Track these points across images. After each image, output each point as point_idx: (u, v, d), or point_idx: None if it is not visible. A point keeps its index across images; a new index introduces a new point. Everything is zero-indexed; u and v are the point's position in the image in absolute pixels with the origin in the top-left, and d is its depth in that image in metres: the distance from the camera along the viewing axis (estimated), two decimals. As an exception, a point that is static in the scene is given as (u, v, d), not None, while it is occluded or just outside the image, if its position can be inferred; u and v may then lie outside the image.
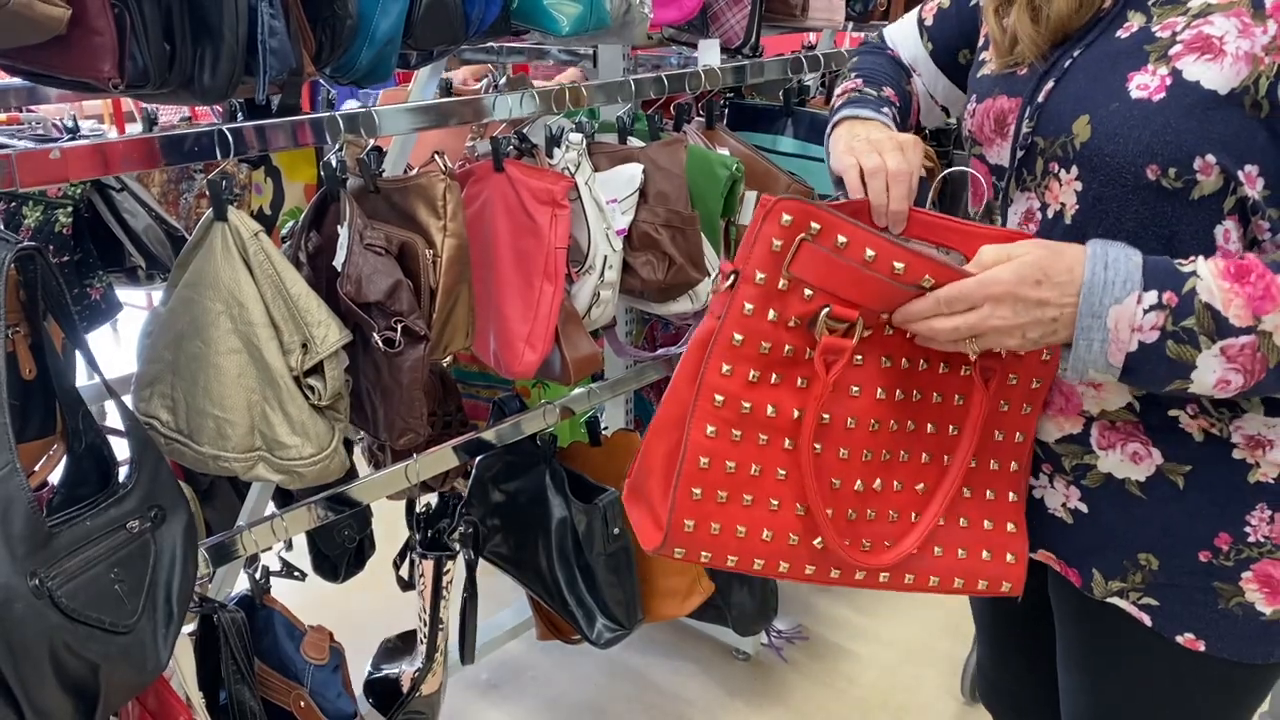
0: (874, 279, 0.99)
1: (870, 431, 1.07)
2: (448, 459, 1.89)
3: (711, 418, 1.04)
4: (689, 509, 1.05)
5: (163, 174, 2.02)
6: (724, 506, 1.05)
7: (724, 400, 1.04)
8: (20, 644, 1.14)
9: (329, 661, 1.68)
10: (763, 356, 1.04)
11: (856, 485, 1.08)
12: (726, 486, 1.05)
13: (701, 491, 1.05)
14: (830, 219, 0.99)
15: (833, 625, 2.77)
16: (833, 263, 0.99)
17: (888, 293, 0.99)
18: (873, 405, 1.07)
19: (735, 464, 1.05)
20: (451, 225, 1.58)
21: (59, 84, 1.40)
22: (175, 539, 1.36)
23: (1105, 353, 0.94)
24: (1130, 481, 1.09)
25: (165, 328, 1.47)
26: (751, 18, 2.11)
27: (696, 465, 1.05)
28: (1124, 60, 1.00)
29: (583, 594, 1.95)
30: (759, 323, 1.02)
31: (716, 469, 1.05)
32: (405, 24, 1.52)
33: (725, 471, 1.05)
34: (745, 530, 1.05)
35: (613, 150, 1.84)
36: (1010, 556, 1.14)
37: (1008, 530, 1.14)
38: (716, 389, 1.04)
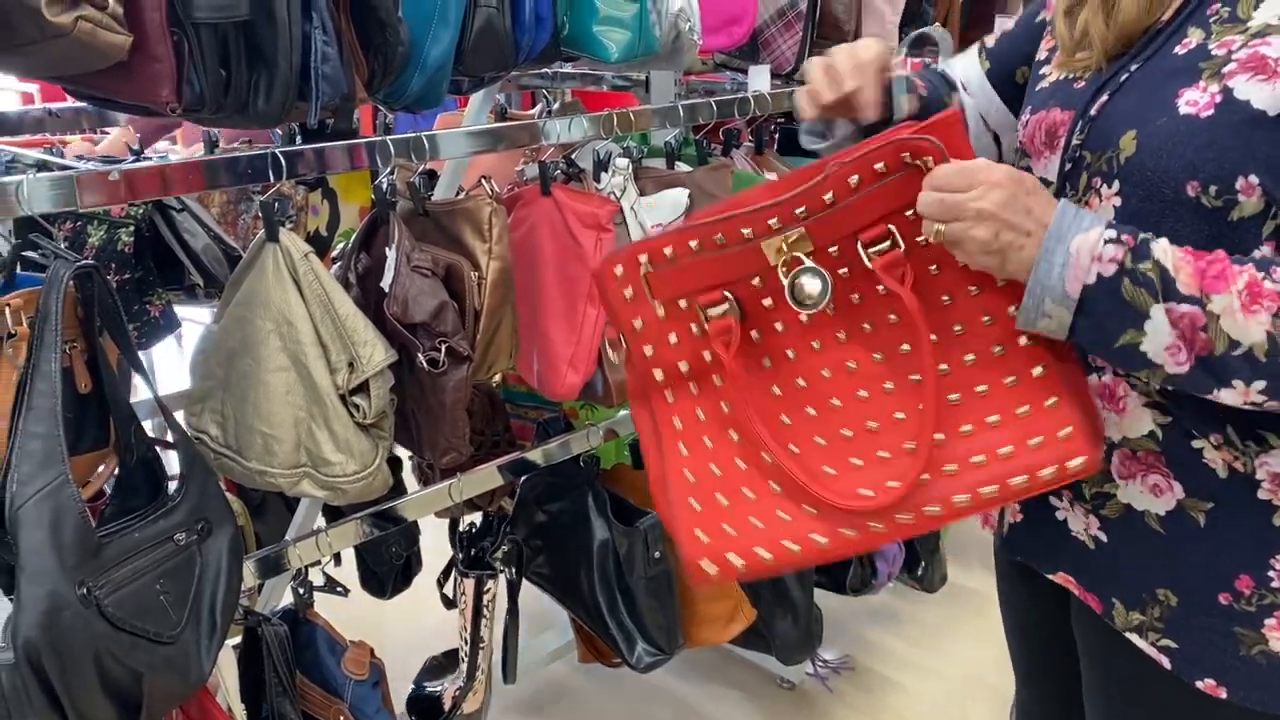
0: (713, 259, 1.05)
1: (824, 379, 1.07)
2: (492, 478, 1.91)
3: (678, 438, 1.11)
4: (694, 520, 1.08)
5: (222, 195, 2.08)
6: (728, 509, 1.08)
7: (682, 423, 1.11)
8: (68, 651, 1.17)
9: (369, 677, 1.70)
10: (688, 374, 1.10)
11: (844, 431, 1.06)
12: (721, 489, 1.08)
13: (699, 502, 1.08)
14: (650, 244, 1.07)
15: (881, 656, 2.73)
16: (678, 272, 1.06)
17: (732, 259, 1.05)
18: (810, 358, 1.08)
19: (719, 467, 1.09)
20: (496, 248, 1.60)
21: (120, 108, 1.45)
22: (221, 552, 1.39)
23: (1064, 279, 0.94)
24: (1150, 514, 1.06)
25: (217, 345, 1.51)
26: (803, 44, 2.11)
27: (685, 481, 1.09)
28: (1177, 76, 0.99)
29: (623, 617, 1.94)
30: (666, 352, 1.10)
31: (703, 479, 1.09)
32: (456, 51, 1.55)
33: (713, 477, 1.09)
34: (762, 522, 1.07)
35: (659, 175, 1.85)
36: (1064, 431, 1.00)
37: (1047, 406, 1.02)
38: (669, 415, 1.11)
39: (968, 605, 2.93)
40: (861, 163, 0.99)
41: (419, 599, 2.28)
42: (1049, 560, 1.18)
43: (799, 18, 2.11)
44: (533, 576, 2.09)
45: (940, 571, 2.54)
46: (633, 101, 3.02)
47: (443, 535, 2.16)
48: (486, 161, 2.31)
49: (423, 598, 2.24)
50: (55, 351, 1.21)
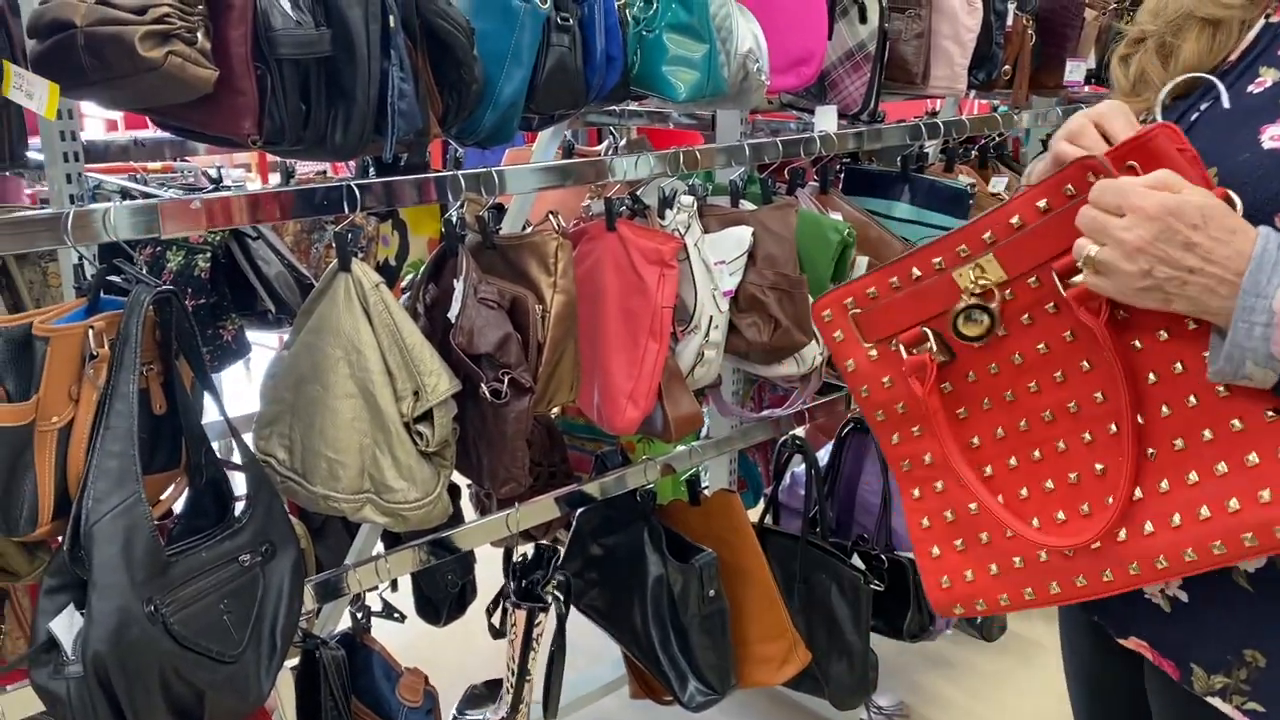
0: (911, 293, 1.04)
1: (1020, 431, 1.05)
2: (549, 509, 1.92)
3: (910, 482, 1.11)
4: (936, 568, 1.10)
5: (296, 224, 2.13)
6: (965, 554, 1.09)
7: (910, 465, 1.11)
8: (134, 666, 1.20)
9: (423, 705, 1.71)
10: (906, 416, 1.09)
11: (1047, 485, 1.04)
12: (957, 535, 1.09)
13: (939, 549, 1.10)
14: (854, 286, 1.08)
15: (937, 704, 2.68)
16: (881, 311, 1.06)
17: (928, 292, 1.03)
18: (1004, 409, 1.06)
19: (953, 513, 1.09)
20: (561, 282, 1.62)
21: (203, 139, 1.49)
22: (284, 575, 1.42)
23: (1269, 340, 0.85)
24: (1239, 572, 1.03)
25: (287, 371, 1.54)
26: (870, 84, 2.11)
27: (920, 528, 1.11)
28: (1258, 114, 0.99)
29: (676, 654, 1.93)
30: (880, 394, 1.10)
31: (938, 524, 1.10)
32: (528, 89, 1.58)
33: (947, 523, 1.09)
34: (997, 568, 1.08)
35: (723, 212, 1.86)
36: (1265, 494, 0.93)
37: (1249, 464, 0.94)
38: (898, 458, 1.11)
39: (1026, 655, 2.86)
40: (1047, 186, 0.96)
41: (473, 627, 2.29)
42: (1121, 624, 1.15)
43: (867, 59, 2.11)
44: (585, 609, 2.09)
45: (1000, 620, 2.49)
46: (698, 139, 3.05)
47: (497, 564, 2.17)
48: (553, 197, 2.34)
49: (477, 626, 2.24)
50: (133, 373, 1.25)
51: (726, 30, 1.74)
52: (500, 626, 2.00)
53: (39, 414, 1.21)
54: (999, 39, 2.37)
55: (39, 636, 1.21)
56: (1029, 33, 2.47)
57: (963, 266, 1.01)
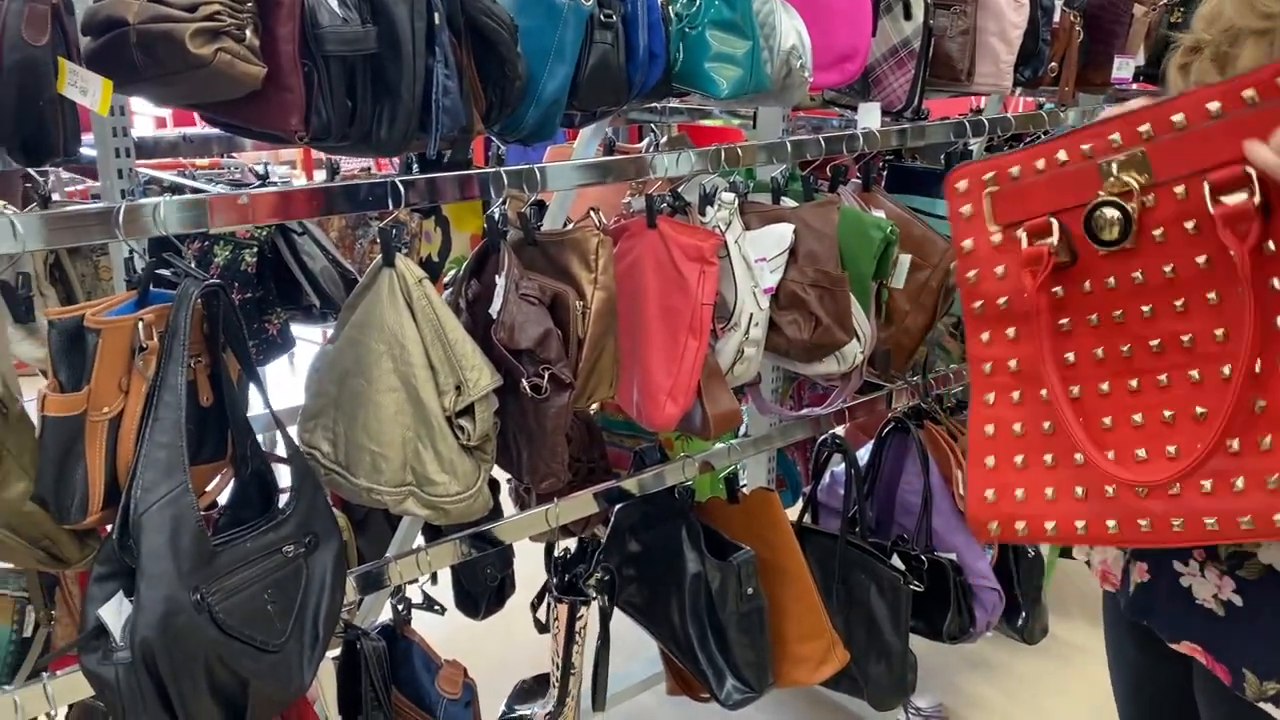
0: (1051, 178, 0.97)
1: (1122, 356, 0.97)
2: (587, 505, 1.92)
3: (985, 386, 1.05)
4: (985, 478, 1.04)
5: (341, 220, 2.15)
6: (1024, 471, 1.03)
7: (992, 366, 1.05)
8: (180, 654, 1.22)
9: (462, 697, 1.72)
10: (1006, 312, 1.03)
11: (1134, 419, 0.97)
12: (1021, 450, 1.03)
13: (995, 459, 1.04)
14: (999, 161, 1.00)
15: (976, 706, 2.65)
16: (1019, 192, 0.99)
17: (1069, 179, 0.96)
18: (1112, 329, 0.98)
19: (1022, 425, 1.03)
20: (602, 278, 1.62)
21: (251, 135, 1.52)
22: (326, 566, 1.43)
23: None
24: None
25: (332, 365, 1.56)
26: (915, 81, 2.09)
27: (982, 434, 1.05)
28: None
29: (713, 652, 1.93)
30: (988, 283, 1.04)
31: (1003, 435, 1.04)
32: (571, 86, 1.58)
33: (1014, 436, 1.03)
34: (1054, 491, 1.01)
35: (765, 210, 1.86)
36: None
37: None
38: (981, 359, 1.05)
39: (1067, 659, 2.83)
40: (1224, 88, 0.87)
41: (511, 620, 2.31)
42: (1173, 628, 1.14)
43: (911, 56, 2.09)
44: (623, 605, 2.10)
45: (1041, 623, 2.46)
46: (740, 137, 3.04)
47: (535, 558, 2.18)
48: (594, 193, 2.35)
49: (515, 619, 2.26)
50: (182, 365, 1.27)
51: (770, 26, 1.74)
52: (545, 621, 2.01)
53: (90, 404, 1.24)
54: (1045, 35, 2.34)
55: (88, 623, 1.24)
56: (1076, 29, 2.43)
57: (1111, 157, 0.93)
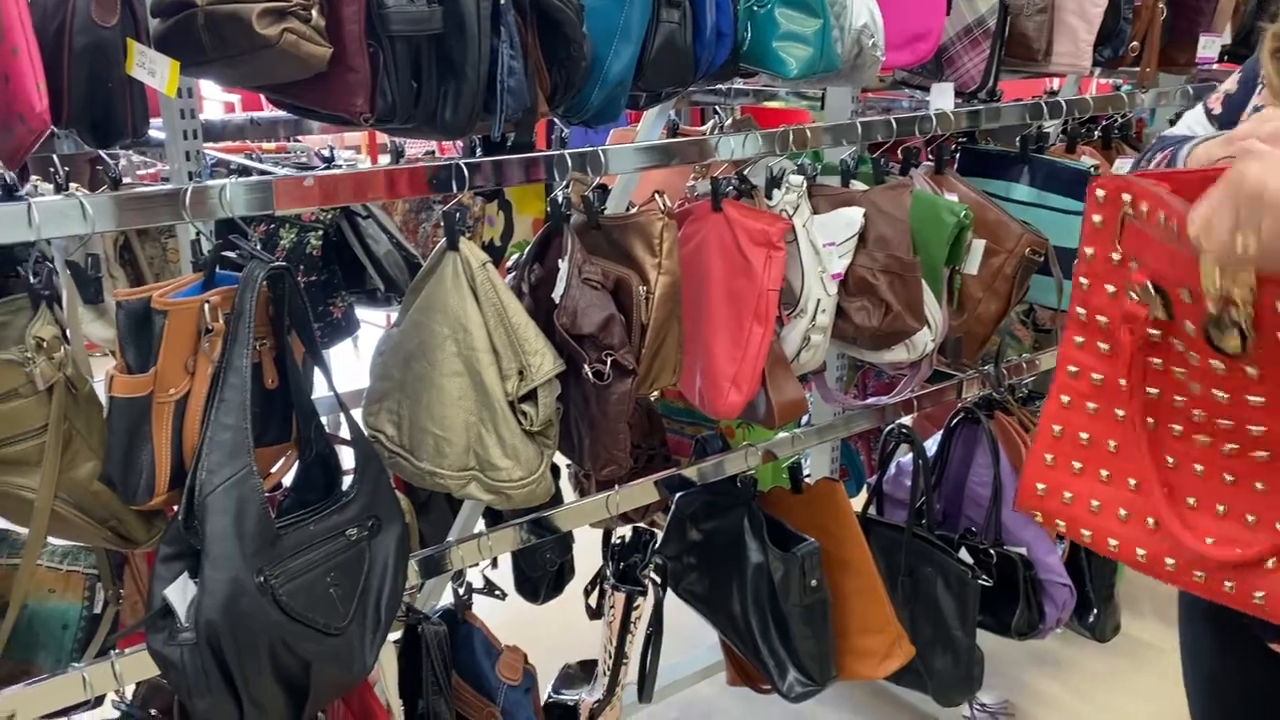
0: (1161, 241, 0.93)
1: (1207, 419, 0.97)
2: (648, 492, 1.90)
3: (1066, 388, 1.07)
4: (1041, 473, 1.08)
5: (405, 203, 2.15)
6: (1078, 477, 1.06)
7: (1077, 371, 1.06)
8: (244, 636, 1.23)
9: (522, 683, 1.72)
10: (1105, 330, 1.04)
11: (1195, 468, 0.98)
12: (1081, 458, 1.06)
13: (1054, 458, 1.07)
14: (1138, 188, 0.96)
15: (1043, 704, 2.59)
16: (1141, 233, 0.96)
17: (1177, 258, 0.92)
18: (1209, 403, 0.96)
19: (1089, 436, 1.06)
20: (666, 263, 1.60)
21: (317, 117, 1.51)
22: (389, 550, 1.43)
23: None
24: None
25: (396, 348, 1.55)
26: (990, 61, 2.03)
27: (1050, 432, 1.08)
28: None
29: (775, 644, 1.90)
30: (1098, 297, 1.03)
31: (1069, 438, 1.06)
32: (636, 66, 1.56)
33: (1079, 442, 1.06)
34: (1099, 505, 1.04)
35: (834, 193, 1.81)
36: None
37: None
38: (1070, 360, 1.06)
39: (1138, 657, 2.75)
40: None
41: (569, 606, 2.30)
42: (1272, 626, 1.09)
43: (986, 35, 2.03)
44: (683, 593, 2.08)
45: (1114, 620, 2.39)
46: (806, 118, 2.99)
47: (593, 546, 2.17)
48: (657, 177, 2.32)
49: (573, 605, 2.25)
50: (247, 348, 1.27)
51: (841, 4, 1.69)
52: (598, 607, 1.99)
53: (157, 386, 1.24)
54: (1127, 14, 2.25)
55: (155, 603, 1.25)
56: (1159, 6, 2.33)
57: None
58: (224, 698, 1.24)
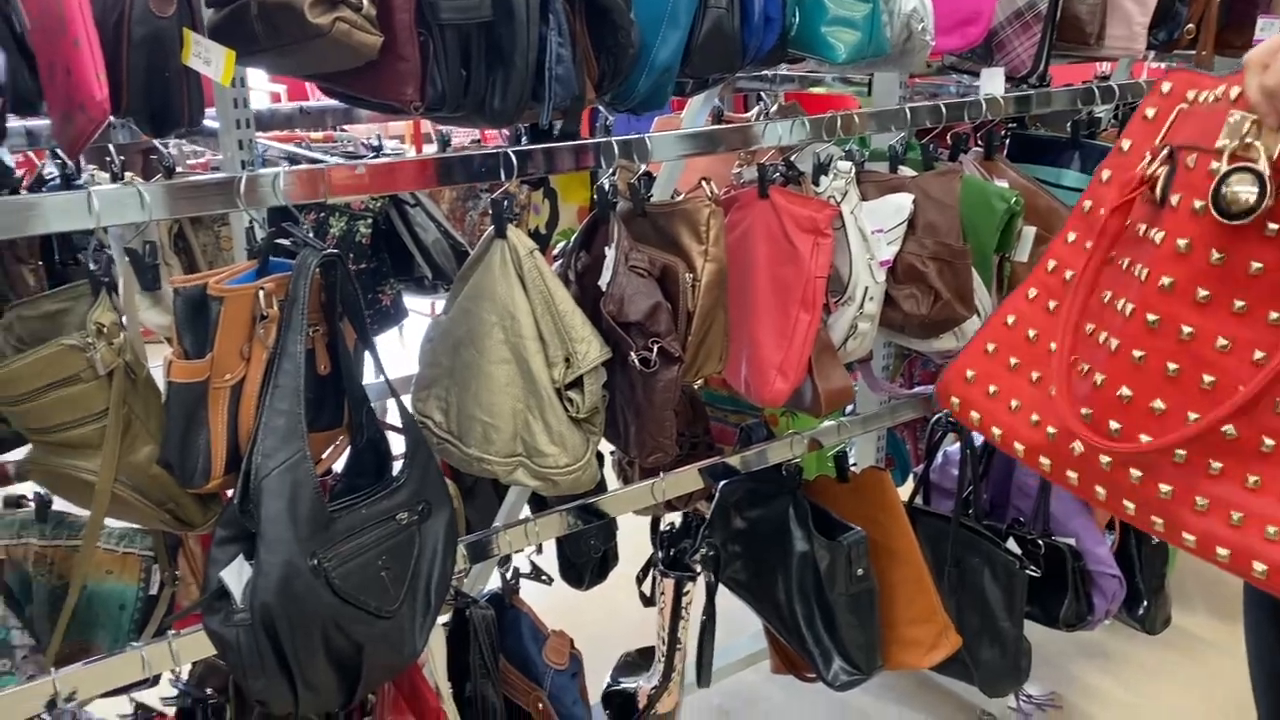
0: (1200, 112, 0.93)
1: (1145, 325, 0.93)
2: (693, 480, 1.90)
3: (1038, 282, 1.07)
4: (977, 360, 1.08)
5: (452, 192, 2.16)
6: (1010, 373, 1.05)
7: (1055, 266, 1.06)
8: (298, 618, 1.25)
9: (568, 668, 1.73)
10: (1089, 219, 1.03)
11: (1120, 391, 0.95)
12: (1020, 354, 1.05)
13: (996, 348, 1.07)
14: (1203, 77, 0.96)
15: (1091, 697, 2.56)
16: (1190, 116, 0.95)
17: (1207, 118, 0.92)
18: (1155, 295, 0.92)
19: (1037, 333, 1.05)
20: (713, 250, 1.59)
21: (366, 105, 1.52)
22: (438, 534, 1.45)
23: None
24: None
25: (444, 335, 1.57)
26: (1041, 45, 2.00)
27: (1003, 321, 1.08)
28: None
29: (820, 632, 1.90)
30: (1109, 189, 1.02)
31: (1018, 333, 1.06)
32: (683, 53, 1.55)
33: (1025, 338, 1.05)
34: (1019, 405, 1.03)
35: (882, 179, 1.80)
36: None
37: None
38: (1054, 255, 1.06)
39: (1191, 651, 2.71)
40: None
41: (612, 592, 2.31)
42: None
43: (1038, 19, 1.99)
44: (728, 581, 2.08)
45: (1164, 612, 2.35)
46: (850, 104, 2.96)
47: (636, 532, 2.18)
48: (701, 164, 2.31)
49: (616, 591, 2.26)
50: (301, 334, 1.29)
51: (890, -12, 1.68)
52: (650, 594, 2.00)
53: (213, 371, 1.26)
54: (1183, -5, 2.20)
55: (211, 585, 1.27)
56: (1216, -13, 2.29)
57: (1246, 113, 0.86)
58: (278, 679, 1.26)
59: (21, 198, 1.18)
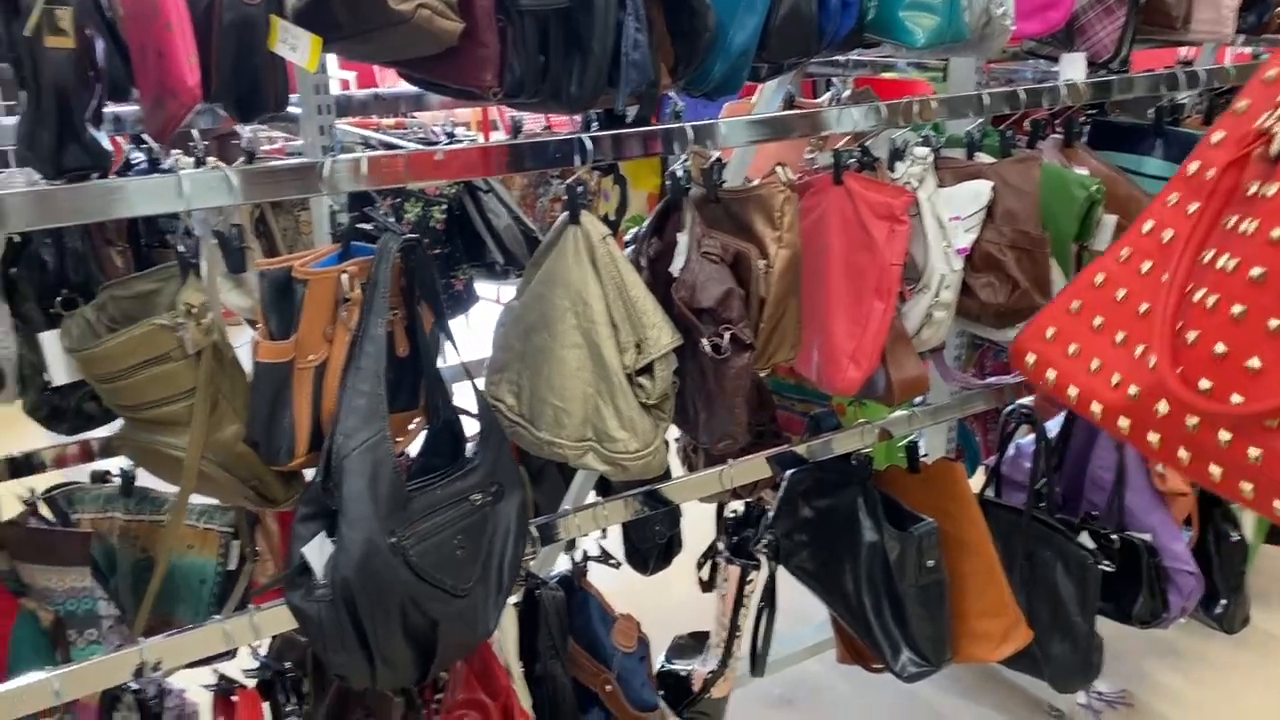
0: None
1: (1250, 281, 0.92)
2: (761, 468, 1.90)
3: (1132, 242, 1.04)
4: (1060, 318, 1.05)
5: (523, 178, 2.18)
6: (1094, 333, 1.03)
7: (1152, 228, 1.03)
8: (377, 594, 1.27)
9: (636, 651, 1.74)
10: (1195, 182, 1.00)
11: (1215, 348, 0.93)
12: (1106, 314, 1.03)
13: (1080, 306, 1.05)
14: None
15: (1161, 695, 2.51)
16: None
17: None
18: (1263, 247, 0.92)
19: (1126, 293, 1.03)
20: (787, 236, 1.59)
21: (444, 91, 1.54)
22: (511, 515, 1.46)
23: None
24: None
25: (517, 320, 1.58)
26: (1124, 30, 1.95)
27: (1091, 280, 1.05)
28: None
29: (889, 623, 1.88)
30: (1220, 151, 1.00)
31: (1106, 292, 1.03)
32: (760, 37, 1.54)
33: (1112, 298, 1.03)
34: (1100, 365, 1.01)
35: (959, 166, 1.77)
36: None
37: None
38: (1152, 216, 1.04)
39: (1267, 651, 2.64)
40: None
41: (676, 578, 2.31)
42: None
43: (1121, 2, 1.95)
44: (794, 570, 2.07)
45: (1243, 612, 2.30)
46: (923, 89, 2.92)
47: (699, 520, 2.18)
48: (772, 149, 2.30)
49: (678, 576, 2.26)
50: (382, 317, 1.31)
51: (971, -28, 1.65)
52: (710, 580, 2.00)
53: (297, 352, 1.29)
54: (1274, -24, 2.14)
55: (293, 560, 1.30)
56: (1309, -31, 2.21)
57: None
58: (357, 653, 1.29)
59: (115, 181, 1.22)
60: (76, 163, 1.23)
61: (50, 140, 1.21)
